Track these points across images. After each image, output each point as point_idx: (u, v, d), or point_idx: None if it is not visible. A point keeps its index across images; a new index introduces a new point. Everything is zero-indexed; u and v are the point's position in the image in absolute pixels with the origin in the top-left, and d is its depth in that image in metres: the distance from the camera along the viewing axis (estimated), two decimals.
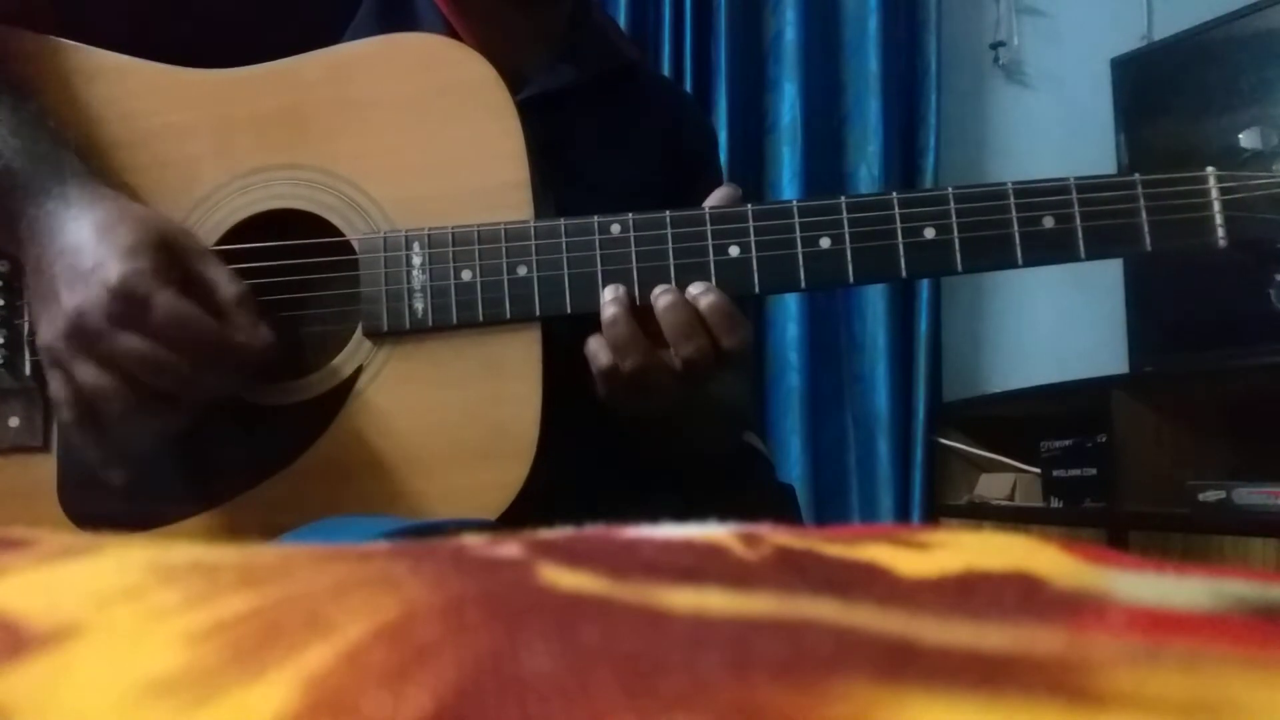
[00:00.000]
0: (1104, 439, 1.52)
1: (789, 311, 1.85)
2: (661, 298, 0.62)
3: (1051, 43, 2.06)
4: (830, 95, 1.94)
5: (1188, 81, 1.70)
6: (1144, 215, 0.62)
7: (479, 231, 0.63)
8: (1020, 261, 0.62)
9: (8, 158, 0.61)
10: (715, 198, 0.65)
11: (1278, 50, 1.55)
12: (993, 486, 1.80)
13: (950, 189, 0.63)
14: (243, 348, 0.60)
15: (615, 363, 0.62)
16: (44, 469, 0.65)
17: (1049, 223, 0.62)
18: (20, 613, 0.17)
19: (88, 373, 0.58)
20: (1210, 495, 1.34)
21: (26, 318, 0.66)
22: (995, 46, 2.04)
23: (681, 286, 0.63)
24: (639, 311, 0.62)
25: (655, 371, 0.62)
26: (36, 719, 0.14)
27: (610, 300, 0.62)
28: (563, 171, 0.72)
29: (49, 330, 0.59)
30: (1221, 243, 0.62)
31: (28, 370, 0.66)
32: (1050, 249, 0.63)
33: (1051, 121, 2.03)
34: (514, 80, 0.70)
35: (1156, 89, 1.78)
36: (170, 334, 0.57)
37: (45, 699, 0.15)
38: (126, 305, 0.57)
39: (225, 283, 0.61)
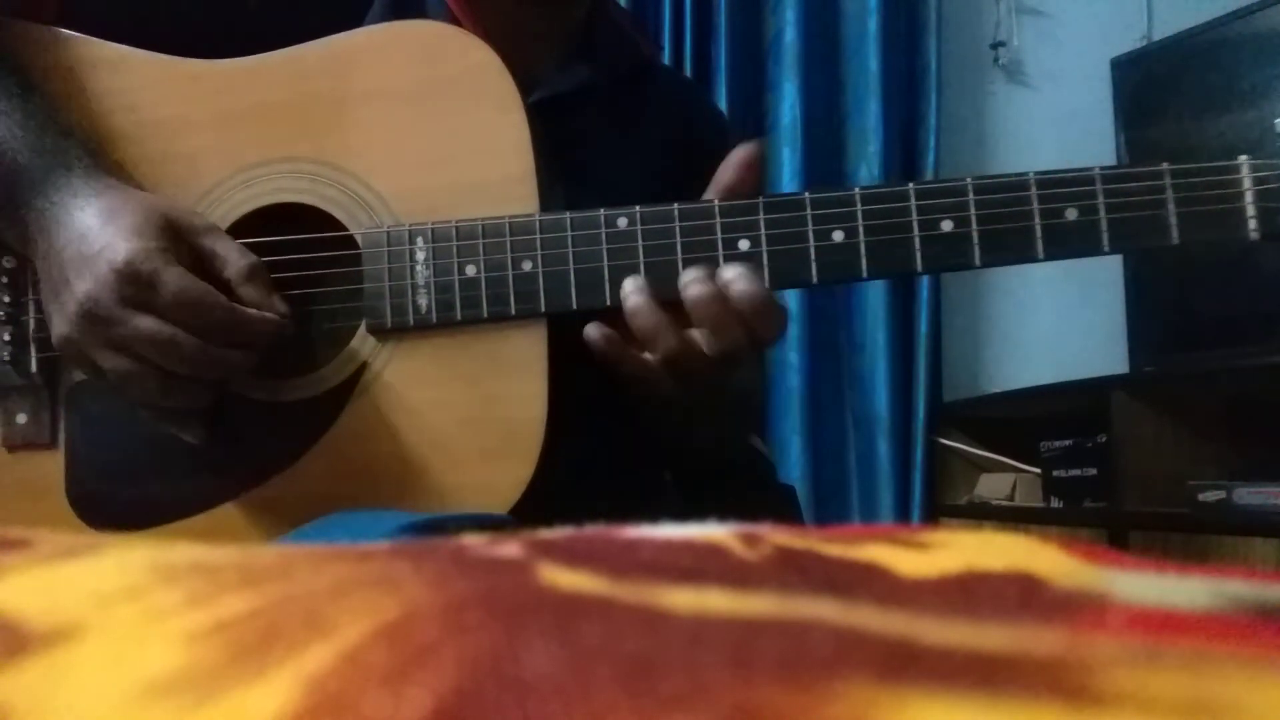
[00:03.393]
0: (1104, 439, 1.52)
1: (789, 311, 1.84)
2: (692, 287, 0.60)
3: (1051, 43, 2.06)
4: (830, 95, 1.94)
5: (1188, 81, 1.70)
6: (1171, 206, 0.60)
7: (483, 225, 0.63)
8: (1041, 255, 0.60)
9: (15, 150, 0.61)
10: (738, 154, 0.63)
11: (1278, 50, 1.55)
12: (993, 486, 1.80)
13: (969, 179, 0.61)
14: (255, 321, 0.60)
15: (647, 352, 0.61)
16: (51, 465, 0.65)
17: (1072, 214, 0.60)
18: (20, 613, 0.17)
19: (108, 359, 0.58)
20: (1210, 495, 1.34)
21: (32, 314, 0.66)
22: (995, 46, 2.04)
23: None
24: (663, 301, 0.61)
25: (688, 358, 0.61)
26: (36, 719, 0.14)
27: (632, 291, 0.61)
28: (574, 172, 0.72)
29: (63, 322, 0.59)
30: (1254, 235, 0.60)
31: (34, 367, 0.66)
32: (1073, 242, 0.60)
33: (1051, 121, 2.03)
34: (526, 81, 0.70)
35: (1156, 89, 1.78)
36: (181, 312, 0.57)
37: (45, 699, 0.15)
38: (135, 286, 0.57)
39: (236, 257, 0.61)
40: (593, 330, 0.62)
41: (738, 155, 0.63)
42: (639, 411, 0.68)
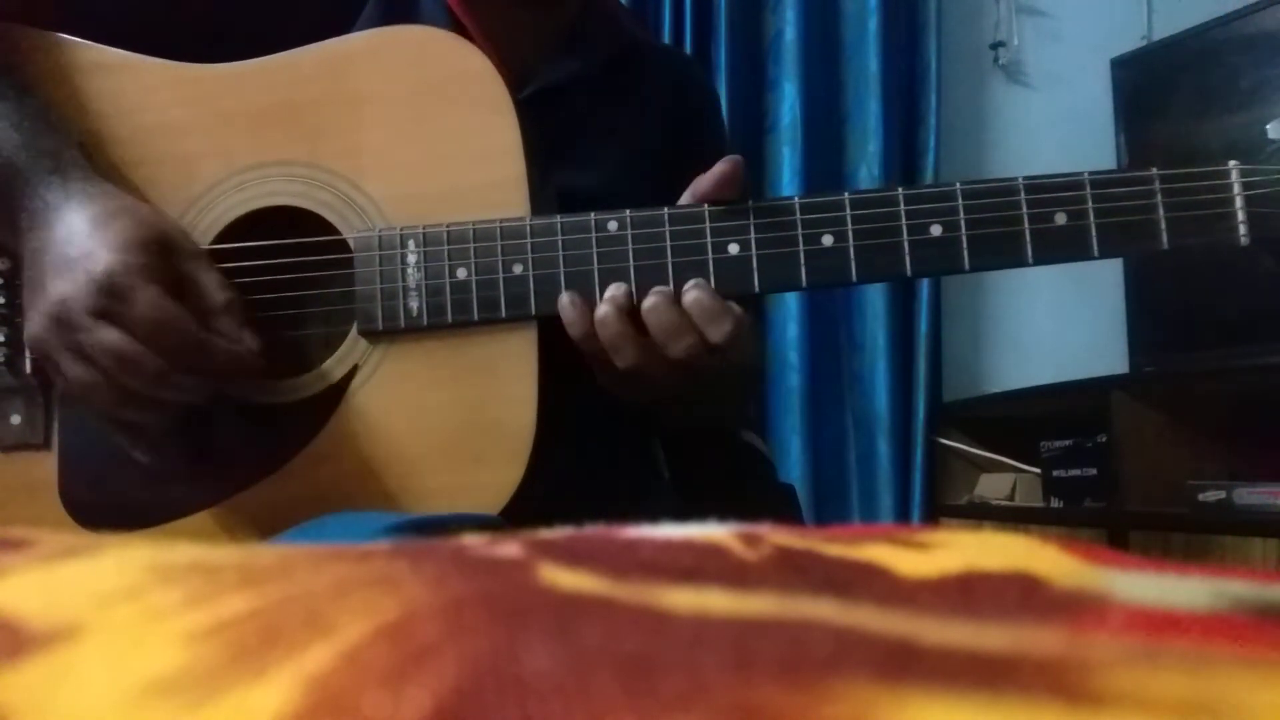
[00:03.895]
0: (1104, 439, 1.52)
1: (789, 311, 1.85)
2: (648, 299, 0.61)
3: (1051, 43, 2.06)
4: (830, 95, 1.94)
5: (1188, 81, 1.70)
6: (1161, 211, 0.60)
7: (474, 229, 0.63)
8: (1030, 260, 0.60)
9: (9, 152, 0.62)
10: (716, 170, 0.63)
11: (1278, 50, 1.55)
12: (993, 486, 1.80)
13: (958, 184, 0.61)
14: (222, 353, 0.59)
15: (609, 359, 0.61)
16: (45, 466, 0.65)
17: (1061, 219, 0.60)
18: (20, 613, 0.17)
19: (70, 364, 0.58)
20: (1210, 495, 1.34)
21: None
22: (995, 46, 2.04)
23: (679, 285, 0.61)
24: (635, 309, 0.61)
25: (650, 367, 0.61)
26: (36, 719, 0.14)
27: (606, 299, 0.61)
28: (567, 161, 0.72)
29: (36, 320, 0.59)
30: (1243, 240, 0.59)
31: (29, 368, 0.66)
32: (1062, 247, 0.60)
33: (1051, 121, 2.03)
34: (519, 76, 0.70)
35: (1156, 89, 1.78)
36: (148, 331, 0.57)
37: (45, 699, 0.15)
38: (108, 298, 0.56)
39: (214, 288, 0.61)
40: (574, 331, 0.62)
41: (719, 169, 0.63)
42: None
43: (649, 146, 0.79)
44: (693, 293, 0.60)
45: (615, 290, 0.61)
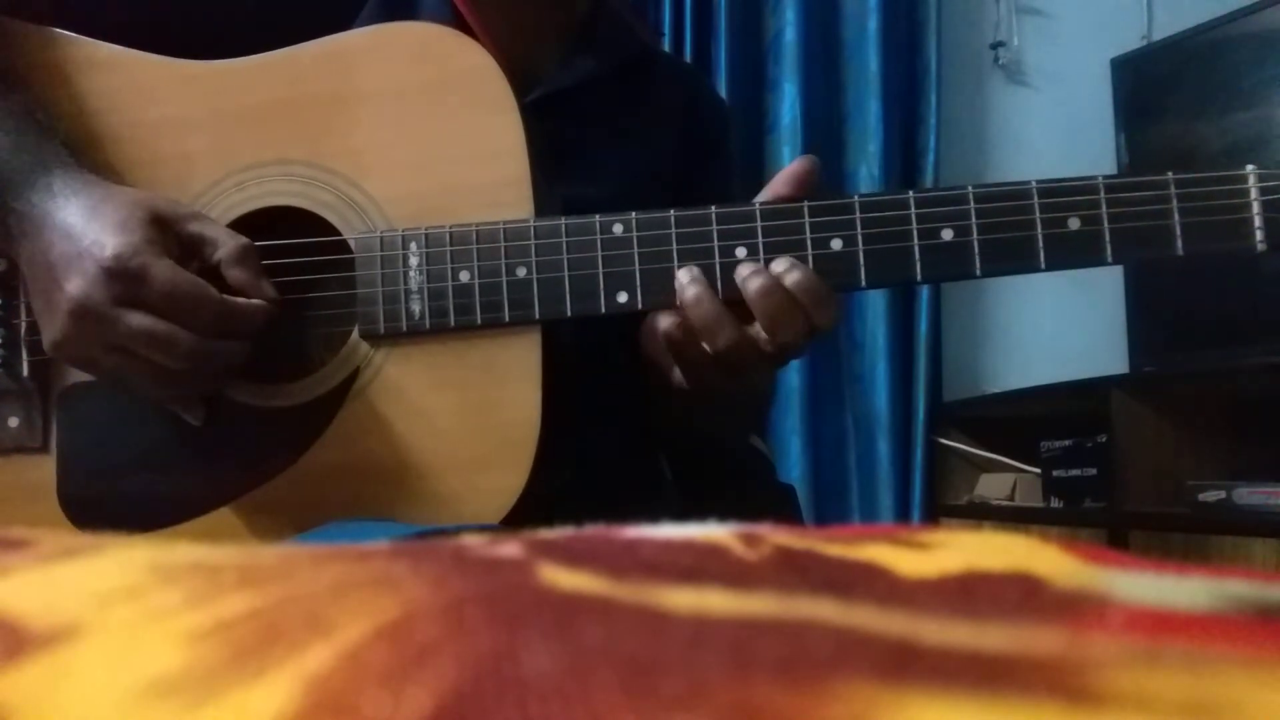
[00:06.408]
0: (1104, 439, 1.52)
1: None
2: (752, 280, 0.59)
3: (1051, 43, 2.06)
4: (830, 95, 1.94)
5: (1188, 81, 1.70)
6: (1176, 217, 0.59)
7: (477, 231, 0.62)
8: (1043, 265, 0.59)
9: None
10: (793, 167, 0.62)
11: (1278, 50, 1.55)
12: (993, 486, 1.80)
13: (970, 188, 0.60)
14: (247, 312, 0.59)
15: (703, 343, 0.60)
16: (43, 470, 0.65)
17: (1074, 224, 0.59)
18: (20, 613, 0.17)
19: (104, 357, 0.58)
20: (1210, 495, 1.34)
21: (24, 317, 0.66)
22: (995, 46, 2.04)
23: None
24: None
25: (744, 350, 0.60)
26: (36, 719, 0.14)
27: (689, 281, 0.60)
28: (575, 166, 0.71)
29: (54, 326, 0.58)
30: (1260, 246, 0.58)
31: (26, 371, 0.66)
32: (1075, 252, 0.59)
33: (1051, 121, 2.03)
34: (529, 77, 0.69)
35: (1156, 89, 1.78)
36: (173, 306, 0.57)
37: (45, 699, 0.15)
38: (125, 282, 0.56)
39: (225, 239, 0.60)
40: (665, 322, 0.61)
41: (796, 166, 0.62)
42: (649, 401, 0.67)
43: (659, 159, 0.78)
44: (795, 274, 0.59)
45: (693, 272, 0.60)
